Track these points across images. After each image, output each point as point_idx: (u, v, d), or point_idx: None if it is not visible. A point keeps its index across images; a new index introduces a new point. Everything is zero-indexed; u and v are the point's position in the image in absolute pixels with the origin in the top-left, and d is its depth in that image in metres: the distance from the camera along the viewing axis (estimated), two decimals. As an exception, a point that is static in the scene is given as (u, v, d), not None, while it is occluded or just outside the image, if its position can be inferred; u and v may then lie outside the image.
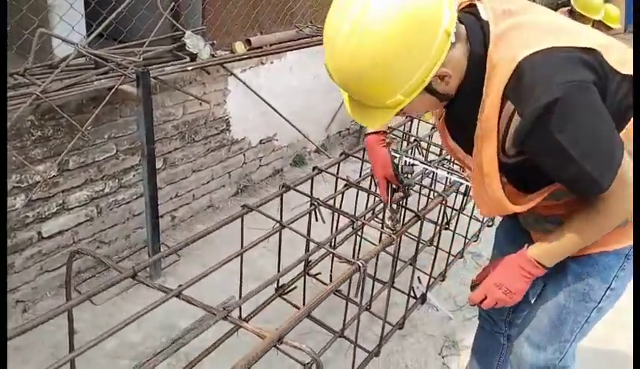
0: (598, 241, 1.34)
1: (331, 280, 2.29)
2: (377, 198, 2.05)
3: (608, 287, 1.42)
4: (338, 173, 2.21)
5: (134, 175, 2.70)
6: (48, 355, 2.16)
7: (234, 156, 3.33)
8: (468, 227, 2.64)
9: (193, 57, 2.68)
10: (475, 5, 1.23)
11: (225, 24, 2.99)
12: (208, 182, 3.21)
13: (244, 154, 3.40)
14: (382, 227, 1.84)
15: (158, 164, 2.70)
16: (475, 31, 1.18)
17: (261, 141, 3.49)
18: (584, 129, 1.13)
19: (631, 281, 1.43)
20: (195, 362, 1.80)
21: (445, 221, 2.67)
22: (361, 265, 1.55)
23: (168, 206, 2.95)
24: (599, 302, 1.44)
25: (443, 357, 2.38)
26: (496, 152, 1.21)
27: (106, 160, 2.53)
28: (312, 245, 1.96)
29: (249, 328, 1.31)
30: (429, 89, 1.15)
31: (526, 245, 1.40)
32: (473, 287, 1.55)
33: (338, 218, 2.18)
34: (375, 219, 2.47)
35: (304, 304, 2.13)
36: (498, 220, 3.27)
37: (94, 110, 2.33)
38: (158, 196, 2.50)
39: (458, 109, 1.25)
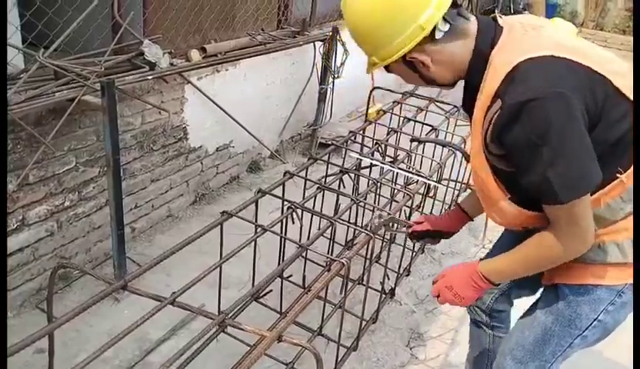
0: (595, 273, 1.39)
1: (304, 282, 2.36)
2: (349, 199, 2.14)
3: (595, 319, 1.43)
4: (306, 176, 2.27)
5: (93, 187, 2.64)
6: (17, 376, 2.09)
7: (191, 164, 3.32)
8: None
9: (152, 66, 2.66)
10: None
11: (169, 34, 2.97)
12: (166, 191, 3.18)
13: (201, 162, 3.40)
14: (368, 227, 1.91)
15: (119, 175, 2.66)
16: (487, 32, 1.30)
17: (217, 148, 3.50)
18: (556, 137, 1.16)
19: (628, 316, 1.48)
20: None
21: (405, 219, 2.80)
22: (345, 263, 1.63)
23: (128, 217, 2.90)
24: (584, 331, 1.46)
25: (411, 348, 2.50)
26: (482, 147, 1.32)
27: (66, 173, 2.47)
28: (287, 248, 2.01)
29: (248, 329, 1.35)
30: (411, 66, 1.34)
31: (479, 258, 1.50)
32: (434, 283, 1.65)
33: (311, 220, 2.25)
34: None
35: (281, 306, 2.19)
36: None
37: (53, 122, 2.27)
38: (122, 207, 2.46)
39: (469, 106, 1.36)
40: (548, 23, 1.39)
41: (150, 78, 2.60)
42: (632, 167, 1.28)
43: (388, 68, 1.40)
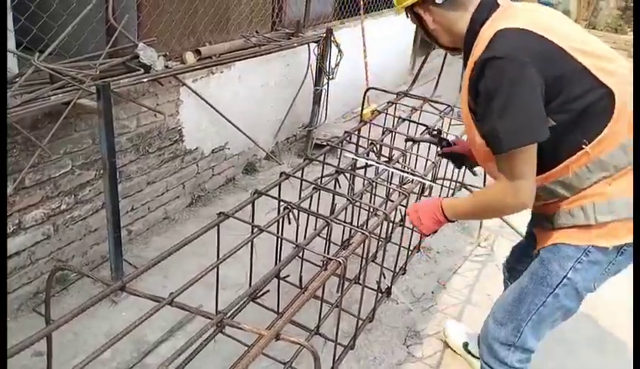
0: (563, 234, 1.55)
1: (300, 282, 2.37)
2: (345, 199, 2.15)
3: (565, 276, 1.57)
4: (302, 176, 2.29)
5: (89, 190, 2.65)
6: (16, 380, 2.10)
7: (187, 166, 3.32)
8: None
9: (147, 69, 2.67)
10: None
11: (163, 37, 2.98)
12: (162, 194, 3.19)
13: (197, 164, 3.41)
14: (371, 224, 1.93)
15: (115, 178, 2.66)
16: (484, 9, 1.50)
17: (213, 150, 3.51)
18: (506, 93, 1.34)
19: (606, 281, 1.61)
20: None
21: (401, 218, 2.82)
22: (341, 262, 1.64)
23: (125, 220, 2.91)
24: (555, 288, 1.59)
25: (408, 347, 2.52)
26: (468, 108, 1.53)
27: (62, 176, 2.47)
28: (284, 249, 2.02)
29: (247, 328, 1.36)
30: (419, 20, 1.61)
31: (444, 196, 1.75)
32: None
33: (307, 220, 2.26)
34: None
35: (278, 305, 2.20)
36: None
37: (49, 125, 2.28)
38: (119, 210, 2.47)
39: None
40: (546, 10, 1.54)
41: (145, 80, 2.61)
42: (596, 139, 1.42)
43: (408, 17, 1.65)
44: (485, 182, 3.31)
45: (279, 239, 2.08)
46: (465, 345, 2.42)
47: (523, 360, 1.75)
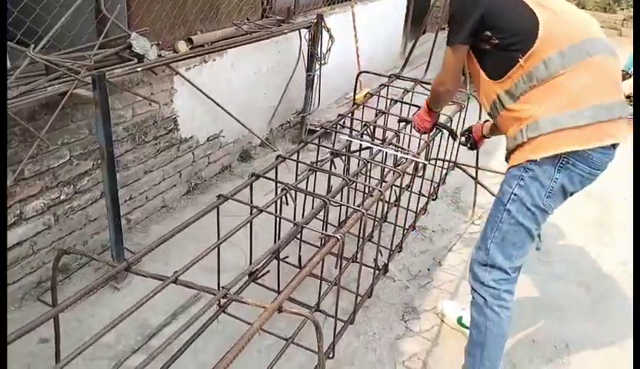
0: (511, 159, 1.90)
1: (299, 262, 2.42)
2: (340, 181, 2.20)
3: (512, 192, 1.87)
4: (298, 158, 2.33)
5: (88, 180, 2.68)
6: (23, 366, 2.14)
7: (183, 155, 3.36)
8: (417, 203, 2.85)
9: (140, 58, 2.69)
10: None
11: (154, 26, 3.00)
12: (159, 182, 3.23)
13: (193, 153, 3.44)
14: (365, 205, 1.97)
15: (113, 167, 2.69)
16: None
17: (208, 138, 3.54)
18: (457, 12, 1.89)
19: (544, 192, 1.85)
20: (179, 353, 1.83)
21: (396, 198, 2.88)
22: (339, 237, 1.69)
23: (123, 209, 2.93)
24: (506, 204, 1.89)
25: (405, 322, 2.58)
26: None
27: (60, 166, 2.50)
28: (282, 231, 2.06)
29: (250, 302, 1.41)
30: None
31: None
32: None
33: (304, 202, 2.30)
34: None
35: (278, 285, 2.25)
36: (441, 194, 3.50)
37: (46, 116, 2.31)
38: (118, 197, 2.50)
39: None
40: None
41: (139, 69, 2.63)
42: (527, 53, 1.78)
43: None
44: (477, 161, 3.37)
45: (278, 219, 2.12)
46: (459, 319, 2.49)
47: (498, 281, 1.97)
